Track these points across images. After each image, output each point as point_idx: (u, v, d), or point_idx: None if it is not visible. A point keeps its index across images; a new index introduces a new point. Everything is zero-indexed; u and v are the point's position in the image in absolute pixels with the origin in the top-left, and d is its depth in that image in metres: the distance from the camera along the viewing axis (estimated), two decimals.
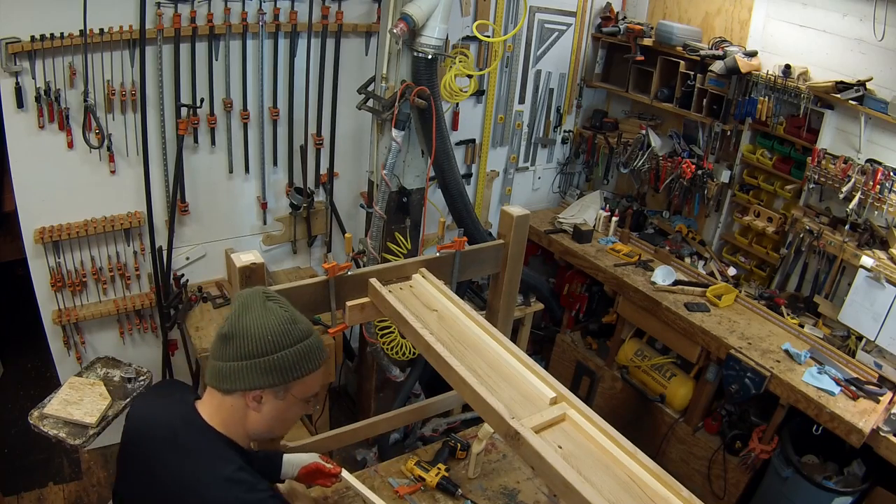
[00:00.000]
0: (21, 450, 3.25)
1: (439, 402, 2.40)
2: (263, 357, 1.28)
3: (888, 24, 2.75)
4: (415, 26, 2.48)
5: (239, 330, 1.28)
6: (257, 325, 1.28)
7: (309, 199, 3.27)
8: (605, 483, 1.28)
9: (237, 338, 1.28)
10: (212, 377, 1.32)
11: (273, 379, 1.29)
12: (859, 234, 2.91)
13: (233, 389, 1.30)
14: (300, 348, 1.31)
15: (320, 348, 1.38)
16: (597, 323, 3.88)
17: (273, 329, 1.28)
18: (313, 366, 1.35)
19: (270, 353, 1.28)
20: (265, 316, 1.29)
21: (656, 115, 3.93)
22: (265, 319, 1.28)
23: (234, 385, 1.29)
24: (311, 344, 1.34)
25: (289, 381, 1.31)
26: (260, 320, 1.28)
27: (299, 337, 1.32)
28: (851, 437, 2.51)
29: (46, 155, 2.62)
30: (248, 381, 1.29)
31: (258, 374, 1.28)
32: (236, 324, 1.28)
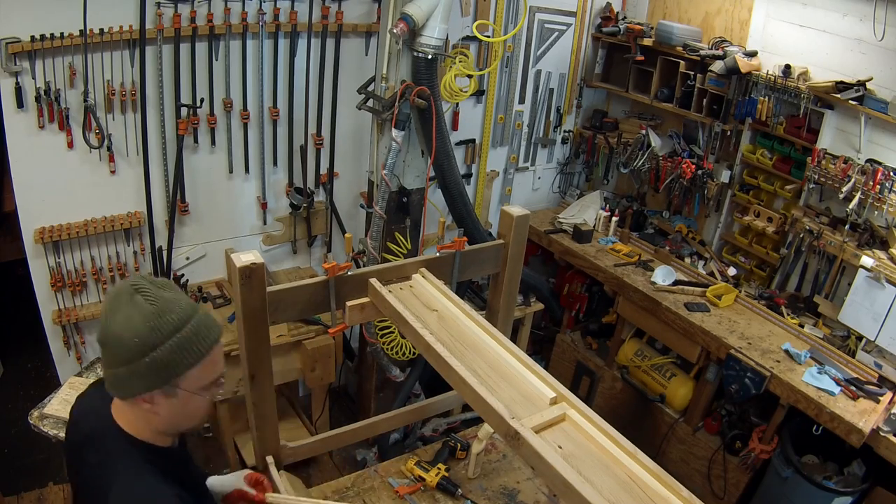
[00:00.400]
0: (21, 450, 3.24)
1: (439, 402, 2.40)
2: (136, 361, 1.16)
3: (888, 24, 2.75)
4: (415, 26, 2.48)
5: (109, 335, 1.17)
6: (124, 327, 1.15)
7: (309, 199, 3.27)
8: (605, 483, 1.28)
9: (109, 344, 1.18)
10: (107, 385, 1.23)
11: (152, 381, 1.18)
12: (859, 234, 2.91)
13: (124, 396, 1.22)
14: (174, 343, 1.17)
15: (201, 334, 1.22)
16: (597, 323, 3.88)
17: (138, 329, 1.15)
18: (195, 357, 1.21)
19: (141, 355, 1.15)
20: (131, 314, 1.16)
21: (656, 115, 3.93)
22: (131, 319, 1.15)
23: (122, 392, 1.22)
24: (187, 335, 1.19)
25: (170, 379, 1.19)
26: (126, 321, 1.15)
27: (170, 330, 1.17)
28: (851, 437, 2.51)
29: (46, 155, 2.62)
30: (131, 387, 1.19)
31: (137, 378, 1.18)
32: (106, 328, 1.17)
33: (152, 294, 1.18)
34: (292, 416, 3.47)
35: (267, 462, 1.93)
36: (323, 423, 3.33)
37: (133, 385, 1.19)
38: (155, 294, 1.18)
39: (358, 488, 2.05)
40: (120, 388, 1.21)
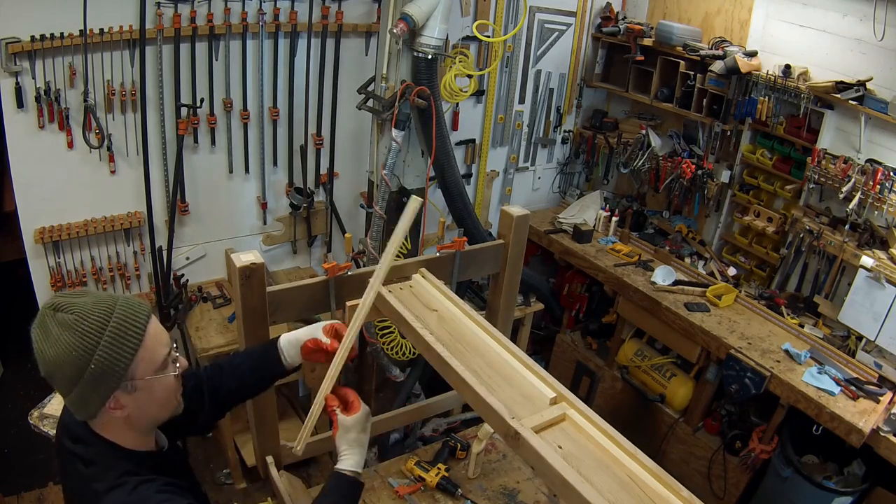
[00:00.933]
0: (21, 450, 3.24)
1: (439, 402, 2.40)
2: (84, 374, 1.13)
3: (888, 24, 2.75)
4: (415, 26, 2.48)
5: (49, 364, 1.14)
6: (57, 348, 1.13)
7: (309, 199, 3.27)
8: (605, 483, 1.28)
9: (54, 374, 1.15)
10: (74, 414, 1.21)
11: (108, 386, 1.15)
12: (859, 234, 2.91)
13: (94, 413, 1.19)
14: (107, 338, 1.14)
15: (130, 318, 1.17)
16: (597, 323, 3.88)
17: (70, 342, 1.12)
18: (134, 342, 1.16)
19: (85, 365, 1.13)
20: (58, 334, 1.13)
21: (656, 115, 3.93)
22: (60, 337, 1.13)
23: (90, 410, 1.19)
24: (116, 325, 1.15)
25: (123, 375, 1.16)
26: (56, 342, 1.13)
27: (98, 328, 1.14)
28: (851, 437, 2.50)
29: (46, 155, 2.62)
30: (93, 402, 1.17)
31: (92, 391, 1.15)
32: (43, 359, 1.15)
33: (68, 305, 1.15)
34: (292, 416, 3.47)
35: (267, 462, 1.93)
36: (323, 424, 3.32)
37: (93, 399, 1.16)
38: (71, 303, 1.15)
39: None
40: (85, 408, 1.18)
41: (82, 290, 1.24)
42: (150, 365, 1.20)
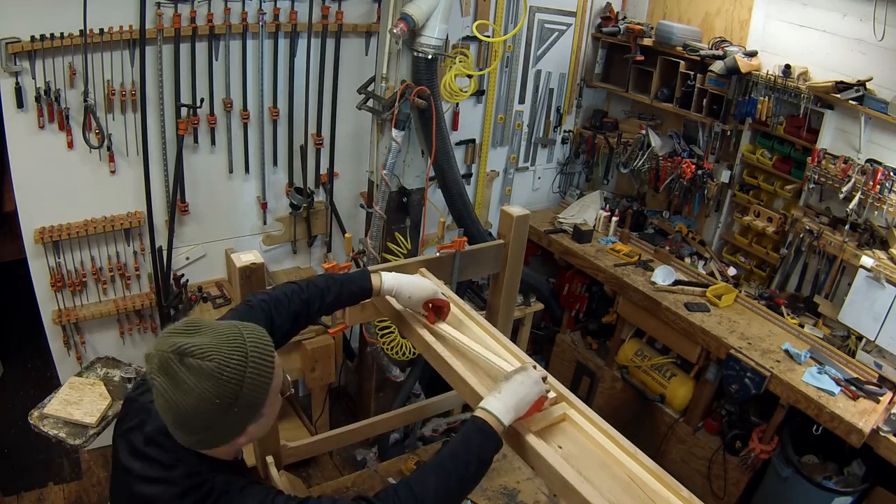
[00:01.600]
0: (21, 450, 3.24)
1: (439, 402, 2.40)
2: (224, 416, 1.09)
3: (888, 24, 2.75)
4: (415, 26, 2.48)
5: (184, 413, 1.07)
6: (196, 398, 1.06)
7: (309, 199, 3.27)
8: (605, 483, 1.28)
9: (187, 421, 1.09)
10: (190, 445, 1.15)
11: (245, 421, 1.13)
12: (859, 234, 2.91)
13: (218, 445, 1.16)
14: (250, 380, 1.10)
15: (262, 351, 1.14)
16: (597, 323, 3.88)
17: (212, 391, 1.06)
18: (269, 376, 1.14)
19: (228, 410, 1.09)
20: (195, 383, 1.06)
21: (656, 115, 3.93)
22: (198, 387, 1.06)
23: (216, 443, 1.15)
24: (254, 363, 1.11)
25: (259, 410, 1.14)
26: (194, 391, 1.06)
27: (241, 371, 1.09)
28: (851, 437, 2.50)
29: (46, 155, 2.62)
30: (224, 437, 1.14)
31: (228, 429, 1.13)
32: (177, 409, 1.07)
33: (198, 349, 1.07)
34: (292, 416, 3.47)
35: (267, 462, 1.93)
36: (323, 423, 3.32)
37: (226, 435, 1.13)
38: (199, 346, 1.07)
39: (358, 488, 2.05)
40: (212, 443, 1.15)
41: (191, 321, 1.14)
42: (276, 391, 1.18)
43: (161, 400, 1.08)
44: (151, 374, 1.08)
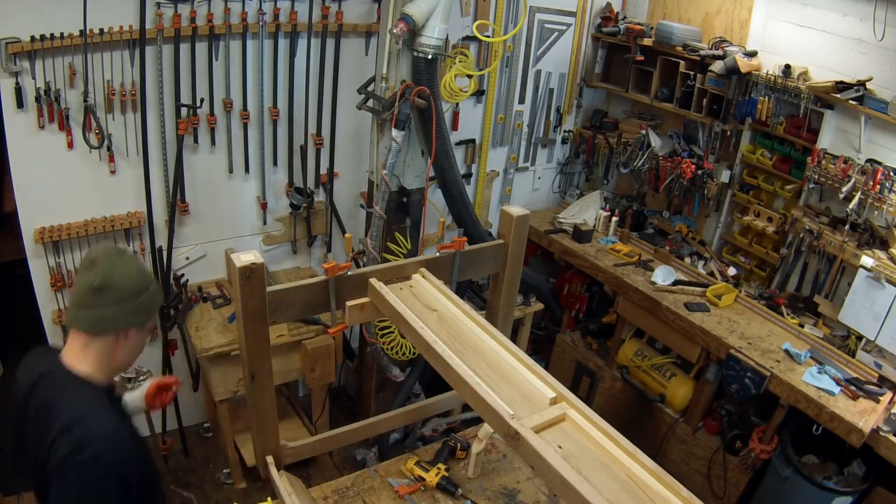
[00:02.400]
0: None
1: (439, 402, 2.40)
2: (131, 301, 1.46)
3: (888, 24, 2.75)
4: (415, 26, 2.48)
5: (111, 280, 1.44)
6: (124, 275, 1.46)
7: (309, 199, 3.27)
8: (605, 483, 1.28)
9: (110, 287, 1.44)
10: (86, 324, 1.45)
11: (141, 318, 1.50)
12: (859, 234, 2.91)
13: (107, 330, 1.46)
14: (154, 290, 1.53)
15: (159, 290, 1.58)
16: (597, 323, 3.88)
17: (134, 277, 1.48)
18: (158, 305, 1.57)
19: (136, 297, 1.47)
20: (126, 266, 1.48)
21: (656, 115, 3.93)
22: (127, 268, 1.47)
23: (110, 326, 1.46)
24: (156, 286, 1.56)
25: (146, 320, 1.52)
26: (124, 270, 1.47)
27: (151, 281, 1.53)
28: (851, 436, 2.50)
29: (46, 155, 2.62)
30: (122, 321, 1.47)
31: (130, 315, 1.47)
32: (107, 275, 1.44)
33: (131, 255, 1.57)
34: (292, 416, 3.47)
35: (267, 462, 1.93)
36: (323, 423, 3.33)
37: (123, 320, 1.46)
38: (132, 256, 1.57)
39: (358, 488, 2.05)
40: (107, 323, 1.45)
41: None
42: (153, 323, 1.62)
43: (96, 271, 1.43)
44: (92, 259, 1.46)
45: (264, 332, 1.70)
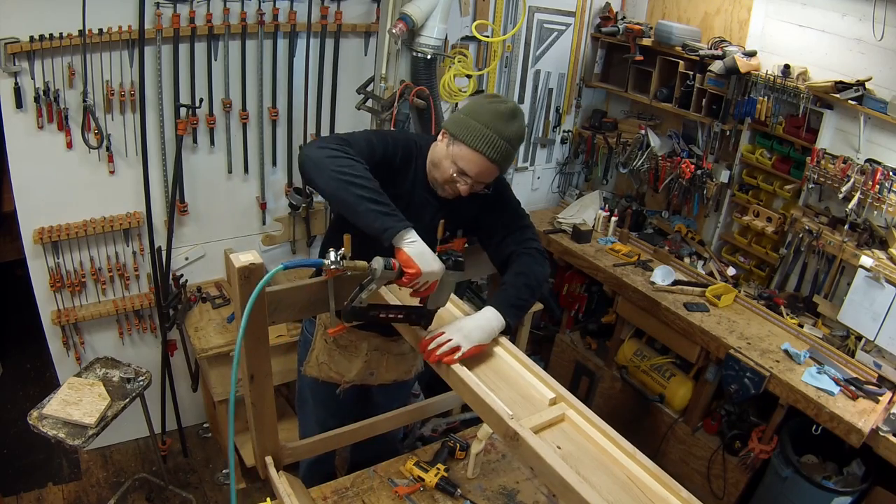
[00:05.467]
0: (20, 450, 3.24)
1: (439, 402, 2.40)
2: (463, 116, 1.73)
3: (887, 24, 2.75)
4: (414, 26, 2.48)
5: (478, 102, 1.74)
6: (485, 104, 1.72)
7: (308, 200, 3.26)
8: (604, 483, 1.28)
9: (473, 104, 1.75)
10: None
11: (452, 128, 1.74)
12: (858, 234, 2.91)
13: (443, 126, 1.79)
14: (477, 126, 1.69)
15: (488, 143, 1.69)
16: (596, 323, 3.88)
17: (484, 109, 1.71)
18: (473, 143, 1.69)
19: (467, 115, 1.72)
20: (495, 105, 1.71)
21: (655, 115, 3.93)
22: (491, 104, 1.71)
23: (444, 124, 1.79)
24: (484, 132, 1.68)
25: (454, 134, 1.73)
26: (490, 103, 1.72)
27: (486, 124, 1.69)
28: (851, 436, 2.51)
29: (45, 155, 2.62)
30: (448, 123, 1.77)
31: (453, 121, 1.75)
32: (483, 100, 1.76)
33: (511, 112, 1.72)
34: (292, 416, 3.46)
35: (266, 462, 1.93)
36: None
37: (449, 122, 1.78)
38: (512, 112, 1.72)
39: (357, 488, 2.05)
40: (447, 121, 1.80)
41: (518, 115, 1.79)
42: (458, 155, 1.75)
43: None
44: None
45: (263, 333, 1.70)
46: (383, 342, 2.17)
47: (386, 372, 2.26)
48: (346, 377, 2.20)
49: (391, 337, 2.16)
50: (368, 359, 2.18)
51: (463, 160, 1.72)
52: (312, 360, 2.17)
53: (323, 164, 1.58)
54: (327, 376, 2.19)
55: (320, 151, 1.61)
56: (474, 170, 1.73)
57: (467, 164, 1.73)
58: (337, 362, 2.17)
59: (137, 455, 3.32)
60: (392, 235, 1.54)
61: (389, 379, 2.28)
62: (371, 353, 2.17)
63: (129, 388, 2.60)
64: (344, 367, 2.18)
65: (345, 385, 2.21)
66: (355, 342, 2.14)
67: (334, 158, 1.59)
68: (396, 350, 2.21)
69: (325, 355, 2.16)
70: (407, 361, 2.29)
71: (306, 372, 2.19)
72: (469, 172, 1.74)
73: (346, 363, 2.17)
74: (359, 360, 2.16)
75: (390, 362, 2.23)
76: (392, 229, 1.54)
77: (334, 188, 1.57)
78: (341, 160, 1.59)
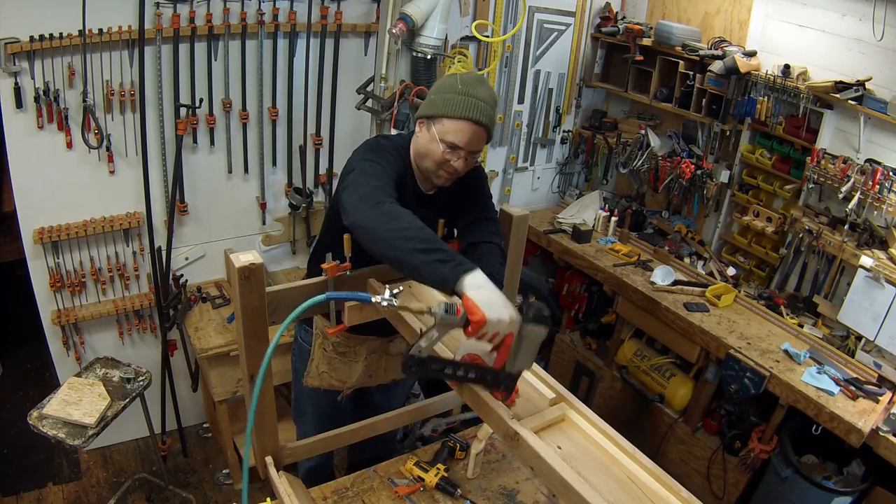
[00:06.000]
0: (20, 450, 3.24)
1: (439, 402, 2.40)
2: (429, 96, 1.76)
3: (887, 24, 2.75)
4: (414, 26, 2.48)
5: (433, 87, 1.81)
6: (444, 78, 1.76)
7: (308, 200, 3.27)
8: (605, 483, 1.28)
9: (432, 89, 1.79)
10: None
11: (425, 111, 1.74)
12: (858, 234, 2.91)
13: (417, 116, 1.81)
14: (449, 97, 1.68)
15: (468, 107, 1.67)
16: (596, 323, 3.88)
17: (446, 81, 1.73)
18: (454, 112, 1.68)
19: (433, 94, 1.75)
20: (454, 76, 1.72)
21: (655, 115, 3.93)
22: (450, 77, 1.73)
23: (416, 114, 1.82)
24: (459, 99, 1.67)
25: (431, 115, 1.72)
26: (448, 76, 1.75)
27: (456, 92, 1.68)
28: (851, 436, 2.50)
29: (45, 155, 2.62)
30: (418, 111, 1.78)
31: (422, 107, 1.76)
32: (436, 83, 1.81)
33: (473, 77, 1.73)
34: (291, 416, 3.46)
35: (266, 462, 1.93)
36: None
37: (419, 110, 1.80)
38: (473, 78, 1.73)
39: (357, 488, 2.05)
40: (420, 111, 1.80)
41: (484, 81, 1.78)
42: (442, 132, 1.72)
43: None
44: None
45: (263, 333, 1.70)
46: (381, 344, 2.17)
47: (385, 373, 2.25)
48: (348, 383, 2.19)
49: (388, 337, 2.16)
50: (368, 362, 2.18)
51: (450, 133, 1.70)
52: (313, 370, 2.16)
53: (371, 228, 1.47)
54: (329, 385, 2.19)
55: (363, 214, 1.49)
56: (464, 138, 1.71)
57: (455, 135, 1.70)
58: (338, 370, 2.16)
59: (137, 455, 3.32)
60: (452, 284, 1.34)
61: (388, 379, 2.28)
62: (370, 356, 2.17)
63: (129, 388, 2.60)
64: (345, 373, 2.17)
65: (346, 391, 2.21)
66: (354, 347, 2.13)
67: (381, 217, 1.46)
68: (394, 350, 2.21)
69: (326, 364, 2.15)
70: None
71: (308, 383, 2.17)
72: (460, 143, 1.71)
73: (347, 370, 2.16)
74: (359, 364, 2.16)
75: (389, 363, 2.23)
76: (450, 278, 1.34)
77: (383, 250, 1.46)
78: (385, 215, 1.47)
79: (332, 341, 2.10)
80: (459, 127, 1.70)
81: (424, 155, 1.79)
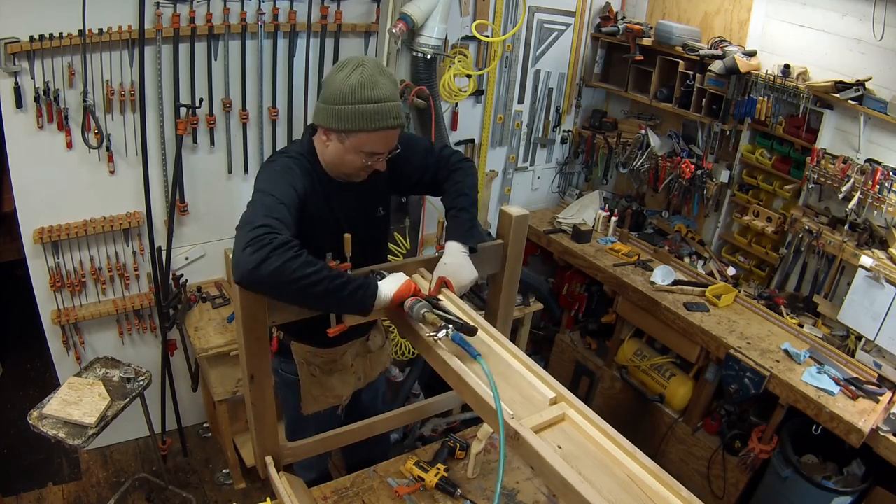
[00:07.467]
0: (20, 450, 3.24)
1: (439, 402, 2.40)
2: (330, 105, 1.63)
3: (887, 24, 2.75)
4: (414, 26, 2.48)
5: (327, 80, 1.66)
6: (337, 80, 1.61)
7: None
8: (605, 483, 1.28)
9: (324, 86, 1.67)
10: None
11: (333, 124, 1.65)
12: (858, 234, 2.91)
13: (315, 123, 1.73)
14: (358, 109, 1.60)
15: (382, 116, 1.62)
16: (596, 323, 3.88)
17: (344, 87, 1.59)
18: (368, 125, 1.62)
19: (335, 103, 1.62)
20: (349, 76, 1.59)
21: (655, 114, 3.93)
22: (346, 79, 1.60)
23: (315, 120, 1.72)
24: (370, 110, 1.60)
25: (343, 129, 1.64)
26: (342, 78, 1.60)
27: (363, 100, 1.59)
28: (851, 436, 2.51)
29: (45, 155, 2.62)
30: (319, 119, 1.69)
31: (325, 116, 1.66)
32: (329, 76, 1.66)
33: (369, 73, 1.60)
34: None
35: (266, 462, 1.93)
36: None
37: (320, 118, 1.69)
38: (371, 74, 1.60)
39: (357, 488, 2.05)
40: (315, 116, 1.73)
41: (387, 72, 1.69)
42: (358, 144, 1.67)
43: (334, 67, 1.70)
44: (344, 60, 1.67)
45: (263, 333, 1.70)
46: (361, 345, 2.20)
47: (371, 371, 2.28)
48: (345, 395, 2.20)
49: (364, 336, 2.19)
50: (355, 368, 2.20)
51: (368, 144, 1.67)
52: (307, 397, 2.15)
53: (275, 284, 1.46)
54: (328, 404, 2.18)
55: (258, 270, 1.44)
56: (383, 146, 1.70)
57: (375, 145, 1.68)
58: (332, 387, 2.16)
59: (137, 455, 3.32)
60: (370, 301, 1.56)
61: (375, 375, 2.32)
62: (355, 360, 2.19)
63: (129, 388, 2.60)
64: (339, 388, 2.18)
65: (344, 403, 2.23)
66: (339, 359, 2.13)
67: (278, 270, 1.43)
68: (374, 347, 2.24)
69: (318, 388, 2.14)
70: (384, 352, 2.33)
71: (307, 411, 2.16)
72: (380, 150, 1.70)
73: (340, 384, 2.17)
74: (349, 374, 2.17)
75: (372, 361, 2.27)
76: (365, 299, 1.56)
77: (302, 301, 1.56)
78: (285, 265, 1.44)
79: (317, 363, 2.10)
80: (378, 137, 1.66)
81: (340, 164, 1.75)
